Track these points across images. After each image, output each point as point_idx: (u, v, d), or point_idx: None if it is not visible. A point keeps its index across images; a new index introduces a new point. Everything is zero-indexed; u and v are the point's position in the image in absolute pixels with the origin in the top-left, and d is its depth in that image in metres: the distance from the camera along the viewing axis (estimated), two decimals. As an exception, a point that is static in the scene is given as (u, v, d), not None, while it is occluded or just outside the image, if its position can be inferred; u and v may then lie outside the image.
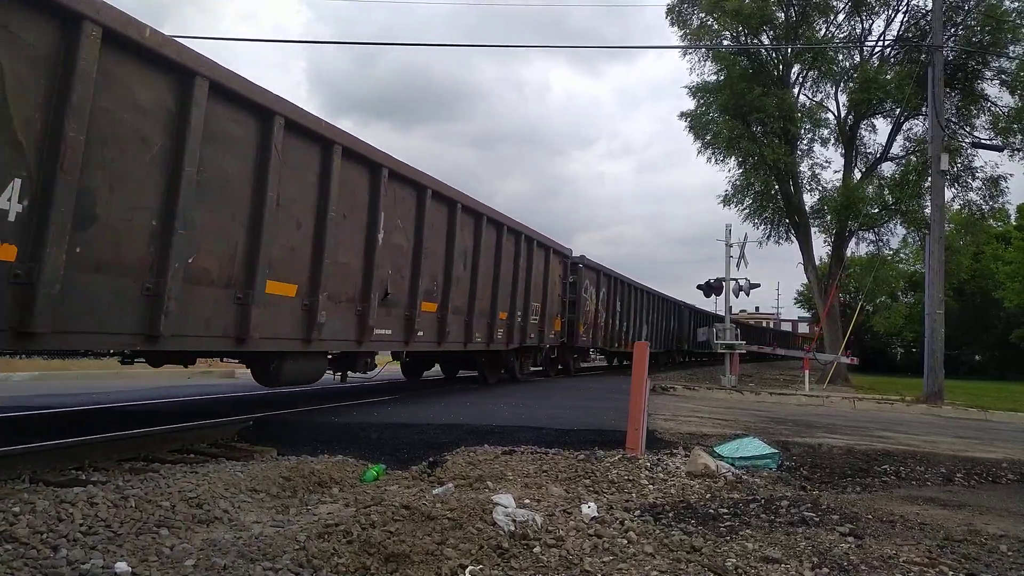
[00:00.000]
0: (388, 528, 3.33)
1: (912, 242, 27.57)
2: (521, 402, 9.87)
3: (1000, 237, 43.15)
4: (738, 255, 19.38)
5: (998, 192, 24.75)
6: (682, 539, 3.62)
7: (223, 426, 6.53)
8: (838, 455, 6.92)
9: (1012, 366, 46.20)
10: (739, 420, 9.66)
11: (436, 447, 6.18)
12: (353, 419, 7.32)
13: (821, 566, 3.34)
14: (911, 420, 12.02)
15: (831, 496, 5.07)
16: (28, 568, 2.86)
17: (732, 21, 24.11)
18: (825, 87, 27.12)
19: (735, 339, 19.35)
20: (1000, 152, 22.56)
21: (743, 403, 13.89)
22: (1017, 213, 45.47)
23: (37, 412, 7.42)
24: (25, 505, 3.56)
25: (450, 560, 3.09)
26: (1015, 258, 40.54)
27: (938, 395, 15.11)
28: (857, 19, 26.01)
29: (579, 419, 7.98)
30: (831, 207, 24.42)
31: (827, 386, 20.27)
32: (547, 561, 3.20)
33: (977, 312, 47.56)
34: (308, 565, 3.02)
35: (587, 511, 3.98)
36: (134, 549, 3.17)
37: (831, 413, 12.38)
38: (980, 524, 4.42)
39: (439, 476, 5.12)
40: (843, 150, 26.59)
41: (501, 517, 3.55)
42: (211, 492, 4.11)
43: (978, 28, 22.87)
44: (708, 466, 5.49)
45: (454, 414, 8.03)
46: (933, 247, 15.89)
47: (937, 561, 3.49)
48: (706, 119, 25.62)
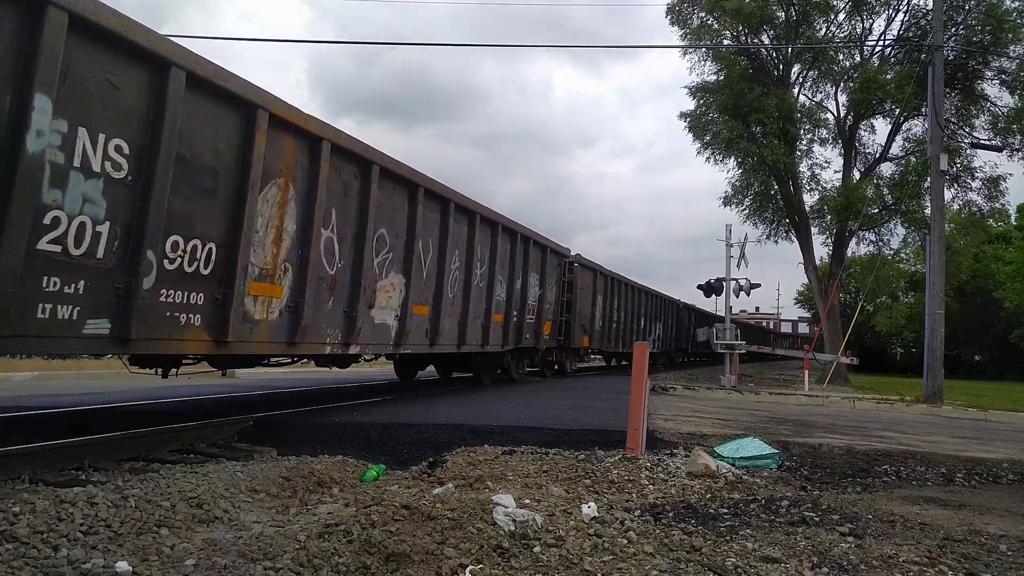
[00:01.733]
0: (388, 528, 3.33)
1: (912, 242, 27.55)
2: (519, 402, 9.87)
3: (1000, 237, 43.17)
4: (738, 255, 19.37)
5: (998, 192, 24.78)
6: (682, 539, 3.62)
7: (223, 426, 6.52)
8: (838, 455, 6.92)
9: (1012, 366, 46.19)
10: (739, 420, 9.66)
11: (436, 447, 6.18)
12: (353, 419, 7.33)
13: (821, 566, 3.34)
14: (911, 420, 12.03)
15: (831, 496, 5.08)
16: (29, 568, 2.86)
17: (732, 21, 24.10)
18: (825, 87, 27.15)
19: (735, 339, 19.35)
20: (1000, 152, 22.59)
21: (743, 403, 13.90)
22: (1017, 213, 45.49)
23: (37, 412, 7.42)
24: (25, 505, 3.56)
25: (450, 560, 3.09)
26: (1015, 258, 40.57)
27: (938, 395, 15.11)
28: (857, 19, 26.02)
29: (578, 419, 7.98)
30: (831, 207, 24.41)
31: (827, 386, 20.29)
32: (547, 561, 3.20)
33: (977, 312, 47.54)
34: (308, 565, 3.02)
35: (587, 511, 3.98)
36: (134, 549, 3.17)
37: (831, 413, 12.39)
38: (980, 524, 4.42)
39: (439, 476, 5.11)
40: (843, 150, 26.59)
41: (501, 517, 3.55)
42: (211, 492, 4.10)
43: (978, 28, 22.86)
44: (708, 466, 5.49)
45: (454, 414, 8.03)
46: (933, 247, 15.89)
47: (937, 561, 3.49)
48: (706, 119, 25.62)
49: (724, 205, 26.66)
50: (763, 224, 27.38)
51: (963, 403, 15.45)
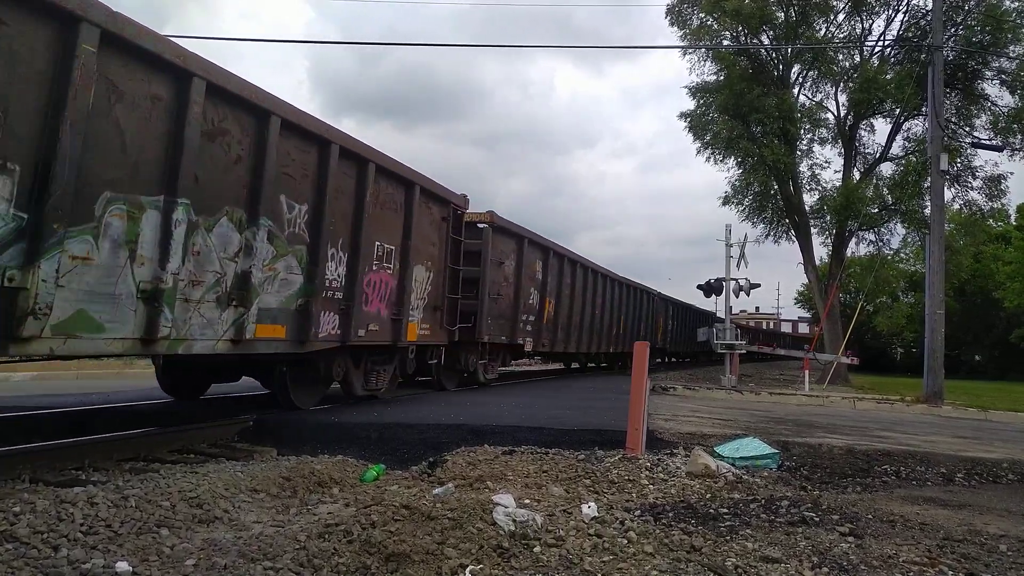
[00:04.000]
0: (388, 528, 3.34)
1: (912, 242, 27.50)
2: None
3: (1000, 237, 43.14)
4: (738, 255, 19.37)
5: (999, 191, 24.76)
6: (682, 539, 3.62)
7: (223, 426, 6.53)
8: (838, 455, 6.92)
9: (1012, 366, 46.15)
10: (739, 420, 9.66)
11: (436, 447, 6.18)
12: (353, 419, 7.32)
13: (821, 566, 3.35)
14: (911, 420, 12.03)
15: (831, 496, 5.08)
16: (29, 568, 2.86)
17: (732, 21, 24.09)
18: (825, 87, 27.12)
19: (735, 339, 19.35)
20: (1000, 152, 22.58)
21: (743, 403, 13.90)
22: (1017, 213, 45.44)
23: (37, 412, 7.42)
24: (25, 505, 3.56)
25: (450, 560, 3.09)
26: (1015, 258, 40.52)
27: (938, 395, 15.11)
28: (857, 19, 26.01)
29: (578, 419, 7.97)
30: (831, 207, 24.40)
31: (827, 386, 20.28)
32: (547, 561, 3.20)
33: (977, 312, 47.52)
34: (308, 565, 3.02)
35: (587, 511, 3.98)
36: (135, 549, 3.17)
37: (831, 413, 12.38)
38: (980, 524, 4.43)
39: (439, 476, 5.12)
40: (843, 150, 26.58)
41: (501, 517, 3.55)
42: (211, 492, 4.10)
43: (978, 28, 22.84)
44: (708, 466, 5.49)
45: (454, 414, 8.04)
46: (933, 247, 15.89)
47: (937, 561, 3.49)
48: (706, 119, 25.61)
49: (724, 205, 26.65)
50: (763, 224, 27.38)
51: (963, 403, 15.45)
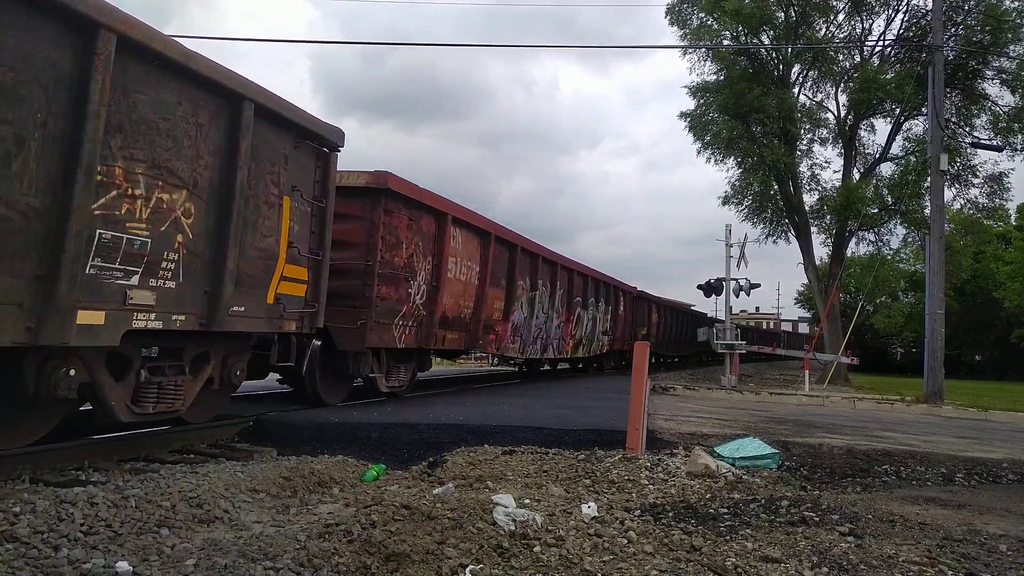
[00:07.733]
0: (388, 528, 3.34)
1: (912, 242, 27.53)
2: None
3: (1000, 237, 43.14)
4: (738, 255, 19.37)
5: (1002, 188, 24.75)
6: (682, 539, 3.62)
7: (223, 426, 6.53)
8: (838, 455, 6.92)
9: (1012, 366, 46.17)
10: (739, 420, 9.66)
11: (436, 447, 6.17)
12: (353, 419, 7.32)
13: (821, 566, 3.35)
14: (911, 420, 12.02)
15: (831, 496, 5.08)
16: (29, 568, 2.87)
17: (732, 21, 24.09)
18: (825, 87, 27.16)
19: (735, 339, 19.35)
20: (1000, 152, 22.59)
21: (743, 403, 13.89)
22: (1017, 213, 45.45)
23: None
24: (25, 505, 3.56)
25: (450, 559, 3.09)
26: (1015, 258, 40.55)
27: (938, 395, 15.11)
28: (857, 19, 26.03)
29: (578, 419, 7.97)
30: (831, 207, 24.41)
31: (827, 386, 20.27)
32: (547, 560, 3.20)
33: (977, 312, 47.52)
34: (309, 564, 3.03)
35: (587, 511, 3.98)
36: (135, 549, 3.17)
37: (831, 413, 12.38)
38: (980, 524, 4.43)
39: (439, 476, 5.12)
40: (843, 150, 26.59)
41: (501, 517, 3.55)
42: (211, 492, 4.10)
43: (978, 28, 22.87)
44: (708, 466, 5.49)
45: (454, 414, 8.03)
46: (933, 247, 15.89)
47: (937, 561, 3.49)
48: (706, 119, 25.59)
49: (724, 205, 26.65)
50: (763, 224, 27.36)
51: (963, 403, 15.45)
